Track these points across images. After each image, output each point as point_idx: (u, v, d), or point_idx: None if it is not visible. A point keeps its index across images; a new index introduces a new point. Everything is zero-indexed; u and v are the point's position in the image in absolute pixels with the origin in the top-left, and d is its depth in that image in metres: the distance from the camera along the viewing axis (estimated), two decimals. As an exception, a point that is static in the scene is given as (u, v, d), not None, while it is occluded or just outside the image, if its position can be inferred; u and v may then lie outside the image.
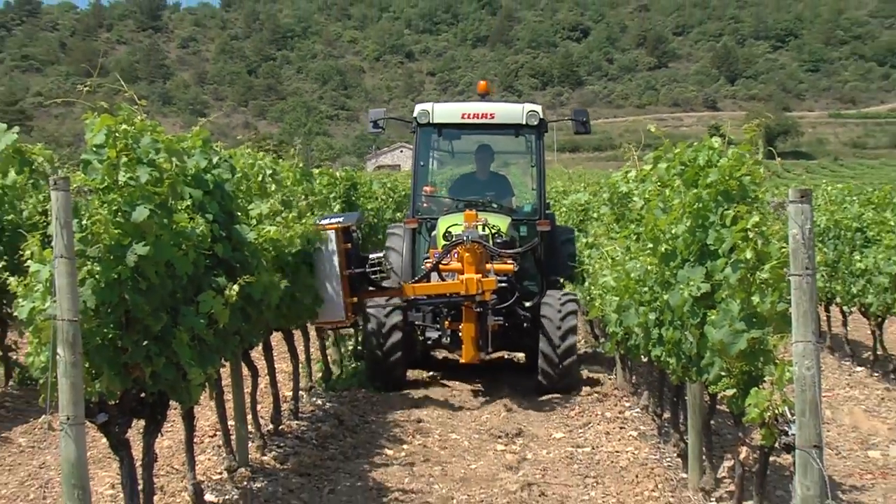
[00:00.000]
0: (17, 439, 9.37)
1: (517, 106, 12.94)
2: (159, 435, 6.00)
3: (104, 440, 5.57)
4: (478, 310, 10.56)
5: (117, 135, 5.26)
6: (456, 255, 10.68)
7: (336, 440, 9.34)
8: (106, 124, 5.27)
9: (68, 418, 4.87)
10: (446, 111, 12.91)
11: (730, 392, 5.76)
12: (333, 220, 9.86)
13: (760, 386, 5.43)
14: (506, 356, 13.56)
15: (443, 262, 10.82)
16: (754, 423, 5.40)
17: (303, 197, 12.01)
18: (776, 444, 5.31)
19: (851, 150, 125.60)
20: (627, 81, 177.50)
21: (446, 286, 10.73)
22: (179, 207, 5.69)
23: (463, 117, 12.76)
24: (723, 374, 5.80)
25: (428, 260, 11.43)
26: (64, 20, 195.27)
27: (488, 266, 10.63)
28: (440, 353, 13.22)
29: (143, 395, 5.62)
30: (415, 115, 12.81)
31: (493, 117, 12.66)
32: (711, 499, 7.18)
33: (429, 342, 11.66)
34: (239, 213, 7.01)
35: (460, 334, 10.80)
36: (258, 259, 6.97)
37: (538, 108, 12.73)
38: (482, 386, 11.83)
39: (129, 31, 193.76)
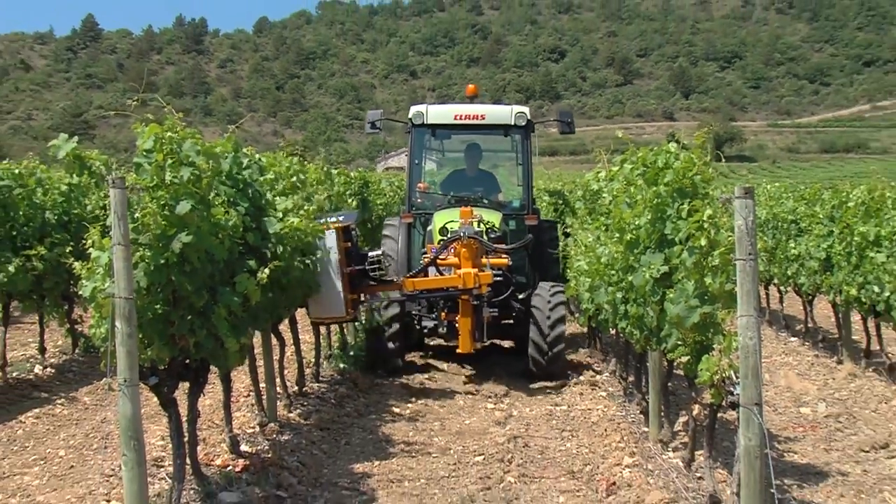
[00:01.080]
0: (83, 398, 9.39)
1: (506, 108, 11.91)
2: (201, 395, 5.98)
3: (155, 399, 5.57)
4: (474, 303, 9.62)
5: (163, 141, 5.26)
6: (453, 251, 9.76)
7: (351, 400, 9.34)
8: (154, 133, 5.27)
9: (125, 380, 4.89)
10: (440, 112, 11.86)
11: (684, 358, 5.76)
12: (333, 219, 8.87)
13: (710, 353, 5.43)
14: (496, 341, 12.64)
15: (440, 256, 9.79)
16: (705, 385, 5.40)
17: (325, 194, 12.05)
18: (723, 403, 5.32)
19: (787, 155, 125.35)
20: (598, 96, 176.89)
21: (444, 280, 9.70)
22: (216, 202, 5.68)
23: (455, 118, 11.77)
24: (679, 343, 5.80)
25: (426, 255, 10.33)
26: (121, 44, 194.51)
27: (484, 260, 9.79)
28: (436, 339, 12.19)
29: (187, 361, 5.64)
30: (410, 116, 11.83)
31: (483, 118, 11.66)
32: (669, 449, 7.19)
33: (425, 331, 10.83)
34: (268, 207, 6.97)
35: (457, 325, 9.81)
36: (283, 246, 6.94)
37: (526, 109, 11.76)
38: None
39: (176, 53, 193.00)
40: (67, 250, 9.67)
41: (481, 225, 10.15)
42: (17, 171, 10.20)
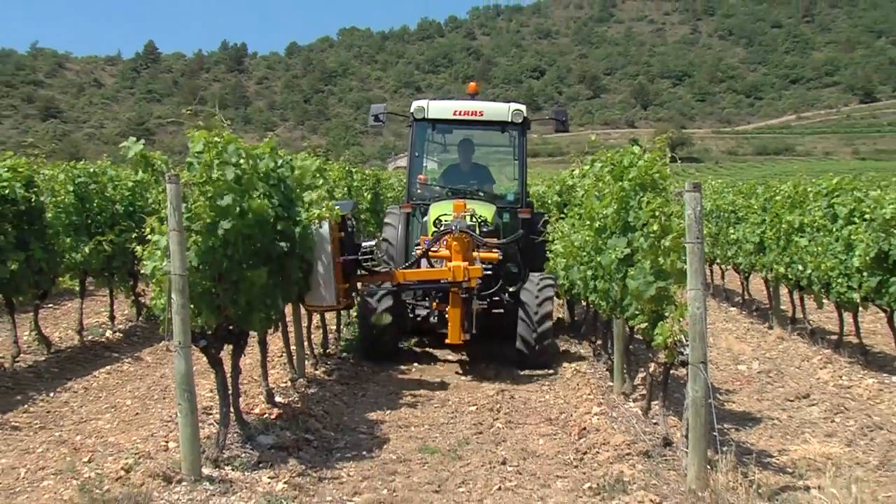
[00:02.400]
0: (145, 357, 9.40)
1: (503, 105, 10.32)
2: (242, 355, 5.97)
3: (204, 359, 5.55)
4: (464, 295, 8.33)
5: (211, 144, 5.22)
6: (444, 243, 8.49)
7: (367, 361, 9.29)
8: (203, 137, 5.23)
9: (180, 343, 4.89)
10: (440, 108, 10.34)
11: (643, 325, 5.74)
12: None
13: (664, 321, 5.41)
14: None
15: (432, 249, 8.58)
16: (660, 347, 5.39)
17: (345, 189, 11.99)
18: (675, 361, 5.31)
19: (728, 157, 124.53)
20: (572, 107, 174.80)
21: (435, 272, 8.43)
22: (255, 195, 5.65)
23: (455, 114, 10.27)
24: (638, 312, 5.78)
25: (419, 247, 9.04)
26: (176, 65, 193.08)
27: (475, 254, 8.47)
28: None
29: (231, 327, 5.61)
30: (412, 110, 10.33)
31: (481, 114, 10.15)
32: (630, 400, 7.19)
33: (418, 319, 9.40)
34: (297, 200, 6.92)
35: (447, 316, 8.54)
36: (308, 231, 6.88)
37: (522, 107, 10.26)
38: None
39: (221, 72, 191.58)
40: (133, 235, 9.63)
41: (473, 219, 8.92)
42: (91, 170, 10.26)
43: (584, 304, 9.82)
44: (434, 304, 8.95)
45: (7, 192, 7.86)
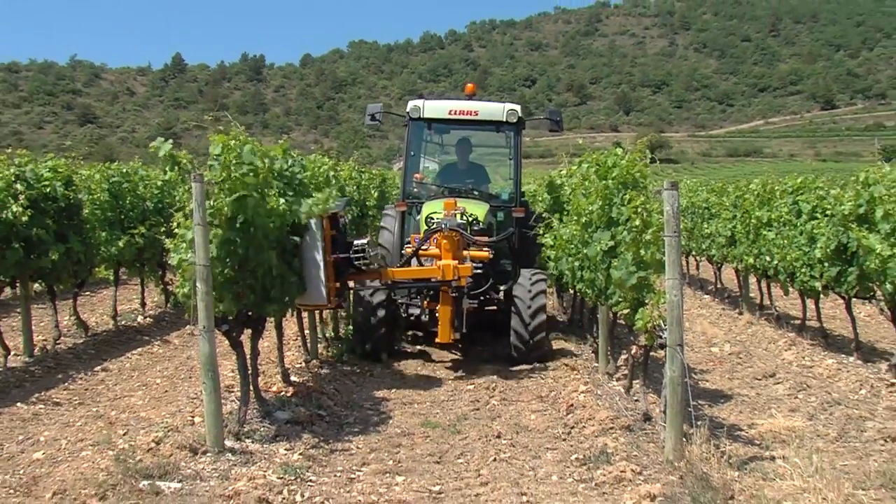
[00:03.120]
0: (173, 340, 9.39)
1: (498, 105, 9.44)
2: (261, 339, 5.96)
3: (226, 342, 5.54)
4: (454, 294, 7.71)
5: (229, 147, 5.20)
6: (435, 242, 7.79)
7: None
8: (221, 141, 5.22)
9: (204, 327, 4.88)
10: (436, 107, 9.42)
11: (625, 311, 5.73)
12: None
13: (645, 307, 5.40)
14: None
15: (422, 247, 7.83)
16: (641, 331, 5.38)
17: (354, 187, 11.93)
18: (654, 344, 5.30)
19: (702, 158, 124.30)
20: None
21: (425, 271, 7.68)
22: (270, 193, 5.62)
23: (450, 113, 9.36)
24: (621, 299, 5.77)
25: (409, 245, 8.35)
26: (201, 75, 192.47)
27: (465, 253, 7.82)
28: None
29: (250, 313, 5.59)
30: (408, 110, 9.50)
31: (476, 114, 9.30)
32: (613, 379, 7.17)
33: (411, 318, 8.73)
34: (308, 197, 6.86)
35: (437, 314, 7.89)
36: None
37: (517, 107, 9.42)
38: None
39: (241, 81, 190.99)
40: (161, 230, 9.69)
41: (464, 217, 8.20)
42: (124, 171, 10.28)
43: (571, 292, 9.79)
44: (425, 302, 8.32)
45: (49, 190, 7.88)
